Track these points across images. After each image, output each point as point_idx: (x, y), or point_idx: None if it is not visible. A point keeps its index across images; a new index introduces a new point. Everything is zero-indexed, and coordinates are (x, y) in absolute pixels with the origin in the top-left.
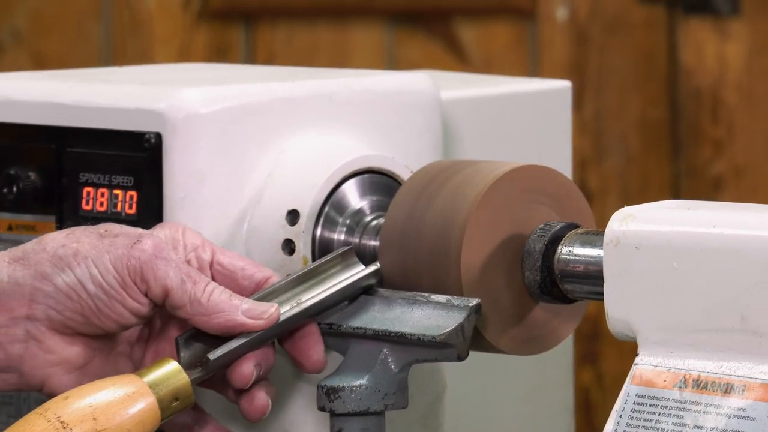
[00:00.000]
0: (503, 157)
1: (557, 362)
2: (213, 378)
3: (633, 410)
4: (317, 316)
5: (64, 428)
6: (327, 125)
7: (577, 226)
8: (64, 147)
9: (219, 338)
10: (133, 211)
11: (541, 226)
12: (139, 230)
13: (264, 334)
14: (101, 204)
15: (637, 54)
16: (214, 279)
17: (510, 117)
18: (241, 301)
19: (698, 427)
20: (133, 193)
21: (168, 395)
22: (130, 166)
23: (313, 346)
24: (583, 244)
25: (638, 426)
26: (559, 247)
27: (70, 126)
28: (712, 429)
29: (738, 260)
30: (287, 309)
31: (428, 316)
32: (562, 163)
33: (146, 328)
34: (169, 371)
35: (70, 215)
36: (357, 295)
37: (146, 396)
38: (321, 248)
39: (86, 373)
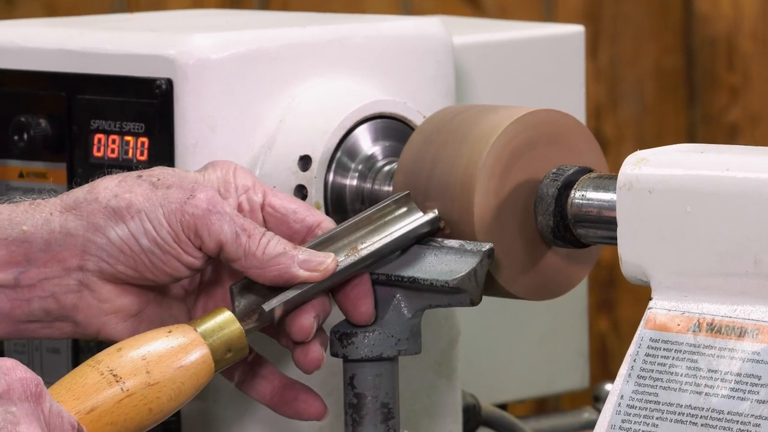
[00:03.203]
0: (516, 102)
1: (571, 308)
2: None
3: (647, 354)
4: (372, 265)
5: (117, 381)
6: (339, 71)
7: (590, 171)
8: (75, 94)
9: (274, 288)
10: (144, 157)
11: (554, 170)
12: (192, 178)
13: (320, 285)
14: (112, 151)
15: (652, 1)
16: (265, 222)
17: (523, 62)
18: (297, 252)
19: (712, 371)
20: (144, 139)
21: (222, 346)
22: (140, 113)
23: (363, 297)
24: (596, 189)
25: (652, 370)
26: (572, 192)
27: (81, 73)
28: (726, 373)
29: (751, 203)
30: (344, 258)
31: (441, 261)
32: (576, 109)
33: (199, 273)
34: (223, 321)
35: (80, 162)
36: (412, 243)
37: (200, 347)
38: (333, 194)
39: (142, 320)
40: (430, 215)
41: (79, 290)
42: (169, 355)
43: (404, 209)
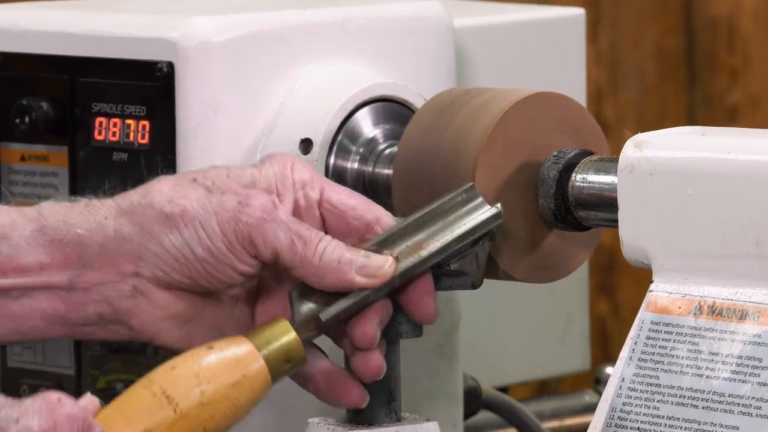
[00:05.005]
0: (516, 85)
1: (573, 291)
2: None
3: (648, 337)
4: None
5: (170, 402)
6: (340, 53)
7: (591, 153)
8: (77, 77)
9: (334, 292)
10: (145, 141)
11: (555, 153)
12: (248, 175)
13: (379, 290)
14: (114, 134)
15: None
16: (322, 218)
17: (523, 45)
18: (355, 256)
19: (713, 354)
20: (146, 122)
21: (279, 358)
22: (142, 96)
23: (424, 297)
24: (597, 171)
25: (653, 353)
26: (573, 174)
27: (83, 56)
28: (727, 356)
29: (752, 186)
30: (405, 259)
31: None
32: (576, 92)
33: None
34: (279, 331)
35: (82, 145)
36: (477, 240)
37: (255, 361)
38: (334, 177)
39: (198, 325)
40: (494, 210)
41: (134, 296)
42: (223, 371)
43: (469, 200)
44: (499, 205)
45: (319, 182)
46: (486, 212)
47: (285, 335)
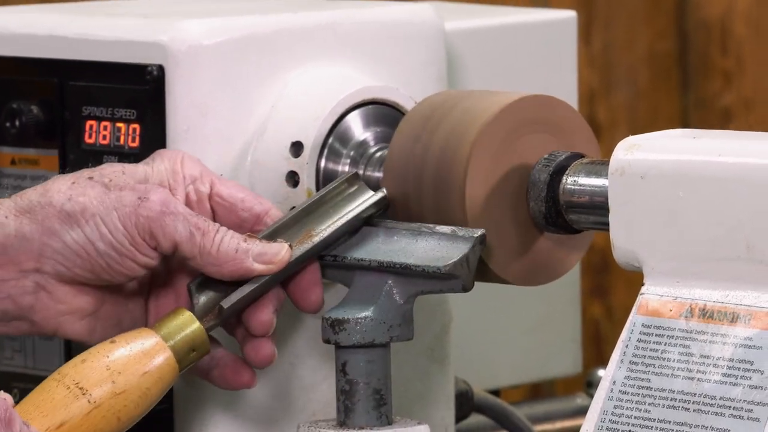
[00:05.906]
0: (508, 88)
1: (564, 294)
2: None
3: (639, 340)
4: (325, 250)
5: (83, 394)
6: (331, 56)
7: (582, 156)
8: (67, 80)
9: (231, 282)
10: (136, 144)
11: (546, 156)
12: (141, 173)
13: (276, 276)
14: (104, 137)
15: None
16: (213, 211)
17: (515, 48)
18: (251, 245)
19: (704, 357)
20: (136, 126)
21: (184, 347)
22: (132, 99)
23: (312, 286)
24: (588, 174)
25: (644, 356)
26: (564, 177)
27: (73, 59)
28: (718, 358)
29: (743, 189)
30: (297, 246)
31: (433, 247)
32: (568, 95)
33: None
34: (183, 322)
35: (72, 149)
36: (362, 224)
37: (162, 351)
38: (325, 180)
39: (98, 318)
40: (379, 195)
41: (35, 292)
42: (133, 362)
43: (353, 190)
44: (384, 189)
45: (208, 176)
46: (371, 197)
47: (189, 325)
